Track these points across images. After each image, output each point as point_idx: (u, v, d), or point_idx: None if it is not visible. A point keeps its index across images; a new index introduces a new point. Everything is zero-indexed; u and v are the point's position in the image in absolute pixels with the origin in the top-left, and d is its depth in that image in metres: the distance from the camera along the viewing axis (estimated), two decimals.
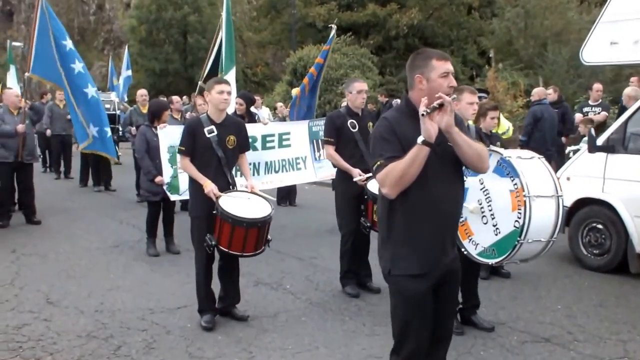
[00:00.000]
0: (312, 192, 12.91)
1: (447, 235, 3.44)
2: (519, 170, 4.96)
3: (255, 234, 5.44)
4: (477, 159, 3.36)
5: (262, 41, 31.75)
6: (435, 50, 3.48)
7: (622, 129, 7.33)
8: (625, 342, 5.40)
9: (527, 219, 4.87)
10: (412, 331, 3.42)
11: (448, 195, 3.38)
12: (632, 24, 7.09)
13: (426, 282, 3.38)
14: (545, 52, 21.13)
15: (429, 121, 3.12)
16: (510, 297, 6.58)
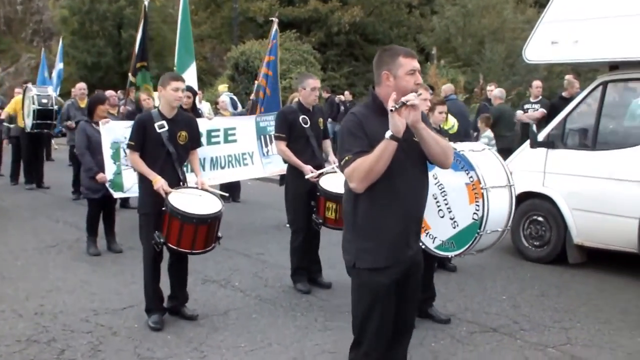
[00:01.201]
0: (255, 187, 12.83)
1: (412, 229, 3.48)
2: (473, 163, 5.05)
3: (205, 231, 5.37)
4: (442, 154, 3.41)
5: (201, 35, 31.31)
6: (403, 47, 3.52)
7: (562, 125, 7.56)
8: (567, 330, 5.59)
9: (486, 210, 4.98)
10: (375, 325, 3.44)
11: (413, 189, 3.43)
12: (573, 24, 7.30)
13: (390, 276, 3.41)
14: (482, 49, 21.62)
15: (398, 116, 3.14)
16: (458, 289, 6.71)
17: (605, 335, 5.49)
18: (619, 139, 7.27)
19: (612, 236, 7.01)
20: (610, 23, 6.98)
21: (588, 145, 7.31)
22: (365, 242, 3.40)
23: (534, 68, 17.90)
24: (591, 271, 7.35)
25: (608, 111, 7.36)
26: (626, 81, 7.43)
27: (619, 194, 6.87)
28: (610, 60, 7.31)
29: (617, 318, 5.90)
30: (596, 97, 7.35)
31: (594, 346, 5.24)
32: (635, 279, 7.06)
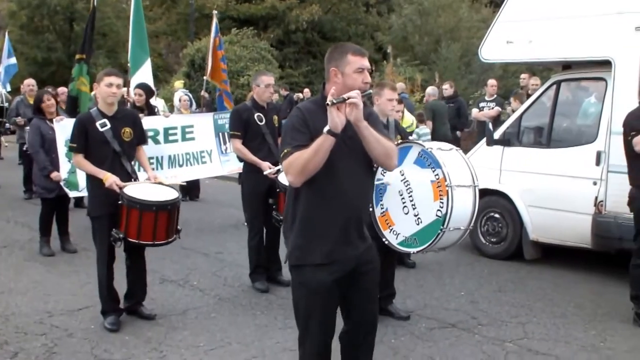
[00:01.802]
0: (213, 186, 12.73)
1: (352, 228, 3.42)
2: (440, 161, 5.08)
3: (165, 219, 5.29)
4: (384, 154, 3.37)
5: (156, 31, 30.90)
6: (353, 45, 3.50)
7: (517, 123, 7.69)
8: (524, 324, 5.69)
9: (450, 208, 5.00)
10: (315, 323, 3.42)
11: (355, 188, 3.39)
12: (527, 24, 7.42)
13: (330, 274, 3.36)
14: (439, 48, 21.86)
15: (336, 111, 3.13)
16: (417, 285, 6.77)
17: (561, 329, 5.60)
18: (573, 136, 7.42)
19: (567, 232, 7.16)
20: (563, 23, 7.11)
21: (543, 143, 7.45)
22: (301, 239, 3.38)
23: (489, 67, 18.18)
24: (547, 267, 7.50)
25: (562, 110, 7.51)
26: (579, 80, 7.61)
27: (572, 191, 7.02)
28: (563, 59, 7.47)
29: (572, 312, 6.03)
30: (550, 95, 7.49)
31: (550, 340, 5.35)
32: (589, 274, 7.24)
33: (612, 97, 6.72)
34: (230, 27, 24.38)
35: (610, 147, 6.64)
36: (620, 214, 6.54)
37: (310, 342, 3.46)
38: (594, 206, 6.85)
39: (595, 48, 6.85)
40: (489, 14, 23.12)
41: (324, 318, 3.44)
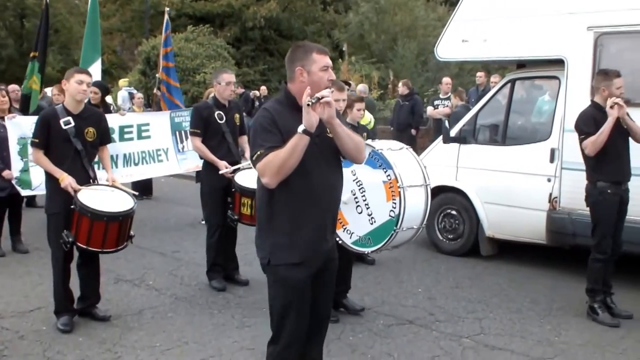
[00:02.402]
0: (168, 184, 12.58)
1: (327, 224, 3.48)
2: (391, 162, 5.11)
3: (116, 229, 5.21)
4: (355, 149, 3.43)
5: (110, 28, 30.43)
6: (316, 44, 3.52)
7: (473, 121, 7.77)
8: (480, 320, 5.76)
9: (402, 208, 5.04)
10: (292, 320, 3.43)
11: (328, 184, 3.43)
12: (482, 23, 7.49)
13: (306, 271, 3.40)
14: (395, 46, 22.02)
15: (312, 111, 3.14)
16: (375, 282, 6.80)
17: (517, 324, 5.68)
18: (527, 134, 7.53)
19: (522, 228, 7.26)
20: (517, 23, 7.20)
21: (498, 140, 7.54)
22: (280, 238, 3.38)
23: (445, 65, 18.38)
24: (503, 263, 7.60)
25: (516, 108, 7.62)
26: (533, 79, 7.73)
27: (527, 188, 7.12)
28: (518, 58, 7.58)
29: (527, 307, 6.12)
30: (505, 94, 7.59)
31: (506, 335, 5.42)
32: (544, 269, 7.36)
33: (565, 96, 6.83)
34: (187, 24, 24.17)
35: (564, 144, 6.75)
36: (574, 210, 6.67)
37: (286, 339, 3.46)
38: (549, 202, 6.96)
39: (548, 47, 6.96)
40: (445, 12, 23.38)
41: (300, 314, 3.46)
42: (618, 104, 5.52)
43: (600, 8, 6.61)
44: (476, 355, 5.01)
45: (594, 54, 6.59)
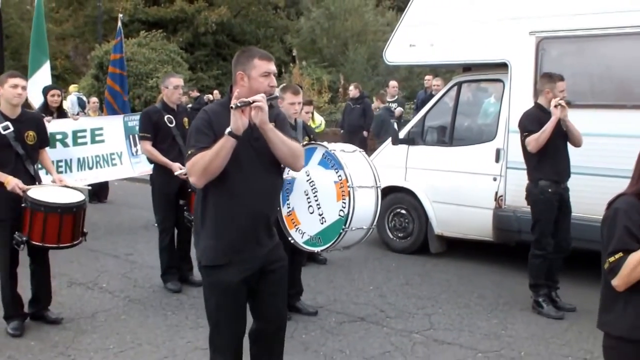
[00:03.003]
0: (123, 187, 12.51)
1: (260, 227, 3.48)
2: (342, 162, 5.22)
3: (71, 222, 5.19)
4: (290, 155, 3.44)
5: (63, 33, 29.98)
6: (260, 50, 3.56)
7: (421, 122, 7.97)
8: (430, 315, 5.92)
9: (351, 208, 5.14)
10: (226, 321, 3.46)
11: (262, 189, 3.45)
12: (429, 28, 7.69)
13: (238, 273, 3.40)
14: (346, 51, 22.23)
15: (239, 114, 3.18)
16: (327, 281, 6.92)
17: (465, 318, 5.86)
18: (474, 135, 7.76)
19: (469, 226, 7.48)
20: (462, 28, 7.41)
21: (445, 141, 7.75)
22: (210, 240, 3.41)
23: (395, 69, 18.63)
24: (451, 260, 7.82)
25: (463, 110, 7.84)
26: (478, 82, 7.96)
27: (474, 187, 7.34)
28: (463, 62, 7.79)
29: (475, 302, 6.31)
30: (452, 96, 7.80)
31: (455, 329, 5.59)
32: (491, 265, 7.59)
33: (509, 98, 7.05)
34: (140, 29, 23.99)
35: (509, 144, 6.96)
36: (518, 207, 6.88)
37: (220, 340, 3.49)
38: (495, 201, 7.17)
39: (492, 51, 7.18)
40: (393, 17, 23.69)
41: (234, 316, 3.48)
42: (561, 104, 5.75)
43: (542, 14, 6.85)
44: (426, 349, 5.15)
45: (535, 57, 6.83)
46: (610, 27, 6.40)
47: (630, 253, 2.60)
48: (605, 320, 2.82)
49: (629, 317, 2.69)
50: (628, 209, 2.68)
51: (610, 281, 2.68)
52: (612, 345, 2.80)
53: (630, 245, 2.62)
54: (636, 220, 2.65)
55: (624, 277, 2.62)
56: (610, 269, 2.66)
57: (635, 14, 6.25)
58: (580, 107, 6.33)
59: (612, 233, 2.69)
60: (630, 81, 6.49)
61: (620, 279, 2.63)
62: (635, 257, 2.58)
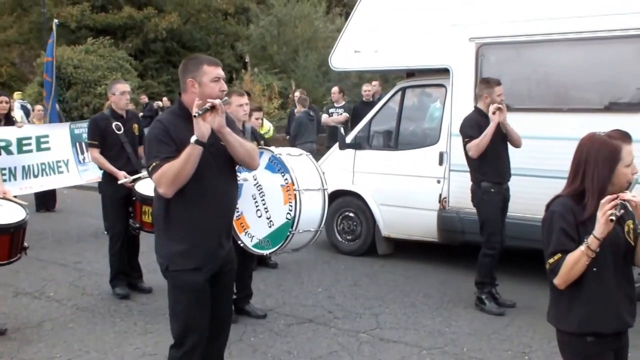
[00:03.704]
0: (72, 195, 12.36)
1: (222, 230, 3.60)
2: (289, 166, 5.33)
3: (7, 241, 5.15)
4: (248, 157, 3.56)
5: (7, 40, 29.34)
6: (207, 56, 3.64)
7: (367, 127, 8.12)
8: (377, 315, 6.05)
9: (298, 211, 5.26)
10: (194, 323, 3.52)
11: (223, 192, 3.54)
12: (373, 34, 7.85)
13: (204, 275, 3.50)
14: (297, 57, 22.35)
15: (202, 121, 3.25)
16: (277, 285, 6.99)
17: (410, 317, 6.01)
18: (418, 139, 7.93)
19: (415, 228, 7.65)
20: (405, 34, 7.58)
21: (391, 145, 7.92)
22: (177, 245, 3.46)
23: (346, 75, 18.82)
24: (399, 260, 7.97)
25: (407, 114, 8.02)
26: (422, 87, 8.15)
27: (419, 189, 7.51)
28: (407, 68, 7.99)
29: (421, 301, 6.47)
30: (396, 101, 7.96)
31: (400, 328, 5.73)
32: (436, 265, 7.77)
33: (451, 102, 7.24)
34: (87, 36, 23.68)
35: (451, 148, 7.14)
36: (462, 209, 7.07)
37: (190, 342, 3.53)
38: (439, 203, 7.35)
39: (435, 57, 7.36)
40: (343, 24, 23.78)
41: (202, 317, 3.55)
42: (500, 109, 5.95)
43: (481, 20, 7.06)
44: (372, 348, 5.27)
45: (475, 63, 7.03)
46: (546, 33, 6.63)
47: (568, 253, 2.76)
48: (554, 315, 2.98)
49: (576, 312, 2.84)
50: (563, 212, 2.84)
51: (552, 281, 2.84)
52: (564, 339, 2.96)
53: (567, 246, 2.78)
54: (571, 222, 2.81)
55: (563, 277, 2.78)
56: (551, 269, 2.82)
57: (570, 21, 6.49)
58: (518, 111, 6.55)
59: (550, 235, 2.84)
60: (566, 85, 6.74)
61: (560, 279, 2.79)
62: (572, 258, 2.74)
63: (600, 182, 2.81)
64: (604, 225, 2.66)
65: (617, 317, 2.83)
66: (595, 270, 2.76)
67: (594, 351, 2.84)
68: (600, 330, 2.81)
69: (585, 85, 6.65)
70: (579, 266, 2.73)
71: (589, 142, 2.90)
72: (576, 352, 2.91)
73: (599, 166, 2.82)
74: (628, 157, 2.84)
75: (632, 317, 2.89)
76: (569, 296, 2.85)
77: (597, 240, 2.68)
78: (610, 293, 2.81)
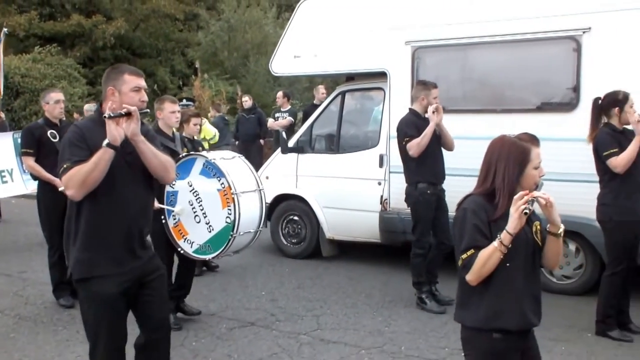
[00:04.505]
0: (19, 205, 12.17)
1: (134, 239, 3.55)
2: (224, 170, 5.42)
3: None
4: (161, 168, 3.55)
5: None
6: (129, 66, 3.68)
7: (309, 131, 8.24)
8: (318, 317, 6.15)
9: (237, 214, 5.36)
10: (105, 334, 3.48)
11: (136, 201, 3.54)
12: (312, 39, 7.98)
13: (116, 285, 3.44)
14: (247, 62, 22.37)
15: (114, 125, 3.28)
16: (221, 289, 7.05)
17: (351, 317, 6.11)
18: (359, 142, 8.04)
19: (358, 229, 7.78)
20: (344, 38, 7.72)
21: (332, 149, 8.04)
22: (85, 252, 3.44)
23: (296, 79, 18.92)
24: (343, 262, 8.11)
25: (348, 118, 8.15)
26: (361, 90, 8.26)
27: (361, 192, 7.65)
28: (346, 72, 8.11)
29: (362, 302, 6.59)
30: (337, 105, 8.09)
31: (341, 329, 5.83)
32: (379, 266, 7.92)
33: (389, 105, 7.40)
34: (36, 45, 23.30)
35: (391, 150, 7.28)
36: (402, 210, 7.17)
37: (101, 354, 3.51)
38: (380, 204, 7.50)
39: (372, 61, 7.52)
40: None
41: (113, 328, 3.51)
42: (438, 110, 6.10)
43: (416, 24, 7.23)
44: (312, 349, 5.35)
45: (412, 66, 7.22)
46: (480, 35, 6.84)
47: (481, 250, 2.84)
48: (462, 313, 3.04)
49: (484, 308, 2.91)
50: (476, 209, 2.92)
51: (465, 277, 2.91)
52: (468, 336, 3.02)
53: (480, 242, 2.86)
54: (484, 219, 2.90)
55: (475, 272, 2.85)
56: (464, 265, 2.89)
57: (502, 23, 6.69)
58: (453, 112, 6.74)
59: (462, 232, 2.92)
60: (500, 87, 6.93)
61: (473, 274, 2.86)
62: (485, 253, 2.82)
63: (511, 182, 2.90)
64: (517, 220, 2.75)
65: (522, 315, 2.90)
66: (508, 266, 2.84)
67: (499, 348, 2.91)
68: (506, 327, 2.88)
69: (518, 86, 6.83)
70: (492, 262, 2.81)
71: (500, 144, 3.00)
72: (481, 349, 2.96)
73: (509, 167, 2.91)
74: (536, 159, 2.94)
75: (537, 317, 2.98)
76: (480, 292, 2.91)
77: (510, 236, 2.77)
78: (517, 291, 2.89)
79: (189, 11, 27.44)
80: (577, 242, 6.52)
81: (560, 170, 6.29)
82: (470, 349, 3.03)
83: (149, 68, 24.82)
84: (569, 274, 6.66)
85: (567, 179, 6.20)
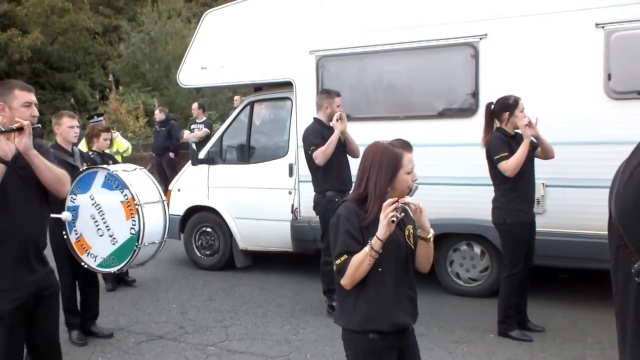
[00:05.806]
0: None
1: (30, 253, 3.51)
2: (126, 182, 5.40)
3: None
4: (56, 182, 3.53)
5: None
6: (20, 82, 3.66)
7: (219, 142, 8.23)
8: (227, 328, 6.16)
9: (142, 224, 5.36)
10: (3, 350, 3.41)
11: (31, 216, 3.51)
12: (218, 50, 7.99)
13: (11, 302, 3.40)
14: (169, 74, 22.13)
15: (5, 140, 3.24)
16: (132, 303, 6.97)
17: (260, 327, 6.14)
18: (269, 152, 8.05)
19: (270, 239, 7.80)
20: (249, 49, 7.75)
21: (243, 159, 8.05)
22: None
23: (219, 90, 18.80)
24: (256, 272, 8.12)
25: (257, 128, 8.21)
26: (270, 100, 8.29)
27: (272, 201, 7.69)
28: (252, 82, 8.13)
29: (273, 311, 6.62)
30: (246, 115, 8.11)
31: (249, 339, 5.85)
32: (293, 275, 7.98)
33: (296, 115, 7.46)
34: None
35: (300, 159, 7.31)
36: (312, 218, 7.20)
37: None
38: (291, 213, 7.55)
39: (278, 71, 7.57)
40: None
41: (9, 347, 3.44)
42: (342, 118, 6.18)
43: (320, 33, 7.31)
44: None
45: (316, 75, 7.30)
46: (381, 44, 6.95)
47: (354, 255, 2.90)
48: (340, 315, 3.11)
49: (360, 312, 2.98)
50: (348, 215, 2.99)
51: (340, 282, 2.97)
52: (347, 337, 3.09)
53: (352, 247, 2.92)
54: (356, 224, 2.96)
55: (349, 277, 2.92)
56: (338, 270, 2.95)
57: (402, 31, 6.83)
58: (358, 120, 6.84)
59: (336, 237, 2.98)
60: (402, 94, 7.04)
61: (347, 279, 2.93)
62: (357, 259, 2.88)
63: (381, 187, 2.97)
64: (385, 226, 2.81)
65: (395, 316, 2.99)
66: (380, 270, 2.91)
67: (375, 347, 2.98)
68: (380, 328, 2.96)
69: (420, 93, 6.95)
70: (364, 267, 2.87)
71: (373, 150, 3.07)
72: (359, 349, 3.04)
73: (381, 172, 2.98)
74: (409, 164, 3.02)
75: (412, 317, 3.07)
76: (356, 295, 2.98)
77: (380, 242, 2.83)
78: (390, 294, 2.97)
79: (109, 23, 26.99)
80: (482, 244, 6.66)
81: (463, 175, 6.51)
82: (349, 349, 3.10)
83: (68, 82, 24.30)
84: (476, 277, 6.81)
85: (470, 182, 6.40)
